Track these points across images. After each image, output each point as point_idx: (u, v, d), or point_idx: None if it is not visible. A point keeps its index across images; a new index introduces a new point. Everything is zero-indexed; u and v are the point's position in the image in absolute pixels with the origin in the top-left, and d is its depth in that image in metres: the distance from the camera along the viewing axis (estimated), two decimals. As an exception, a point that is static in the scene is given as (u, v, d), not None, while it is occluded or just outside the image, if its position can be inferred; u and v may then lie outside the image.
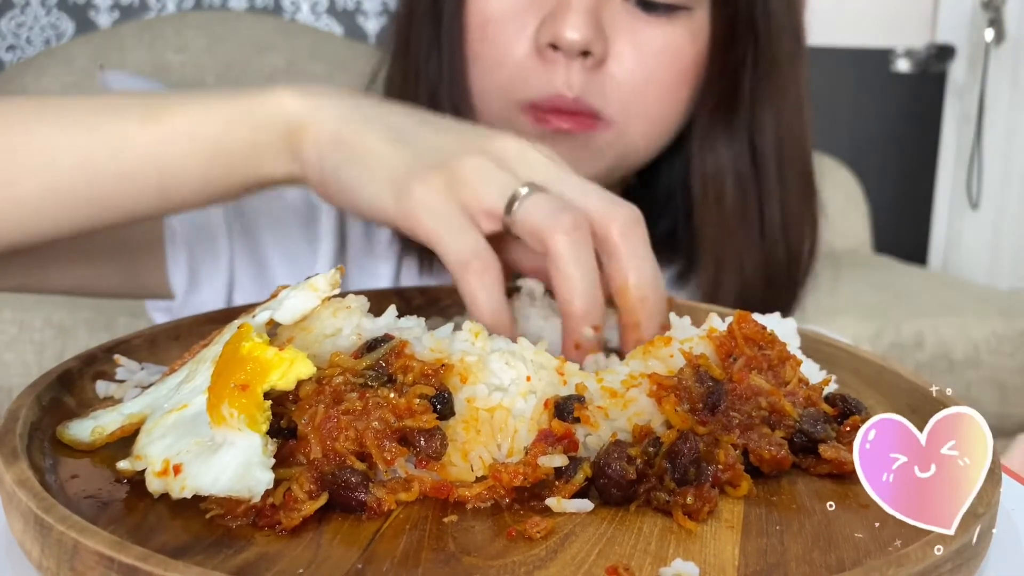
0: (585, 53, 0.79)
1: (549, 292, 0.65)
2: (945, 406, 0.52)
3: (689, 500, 0.42)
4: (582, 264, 0.56)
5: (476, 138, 0.63)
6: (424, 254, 0.88)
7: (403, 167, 0.61)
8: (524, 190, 0.58)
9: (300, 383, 0.44)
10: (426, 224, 0.59)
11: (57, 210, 0.65)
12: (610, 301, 0.60)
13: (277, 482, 0.41)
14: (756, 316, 0.51)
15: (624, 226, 0.58)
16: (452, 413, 0.46)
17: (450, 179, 0.59)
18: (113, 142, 0.64)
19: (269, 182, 0.67)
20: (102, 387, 0.53)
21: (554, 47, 0.79)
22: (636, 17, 0.82)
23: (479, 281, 0.57)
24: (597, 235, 0.58)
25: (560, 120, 0.80)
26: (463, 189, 0.59)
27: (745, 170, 0.87)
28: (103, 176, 0.64)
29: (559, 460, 0.44)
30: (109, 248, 0.83)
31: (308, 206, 0.92)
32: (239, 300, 0.89)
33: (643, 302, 0.58)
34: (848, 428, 0.48)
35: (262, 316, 0.47)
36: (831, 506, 0.45)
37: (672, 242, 0.94)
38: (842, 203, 2.77)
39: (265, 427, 0.42)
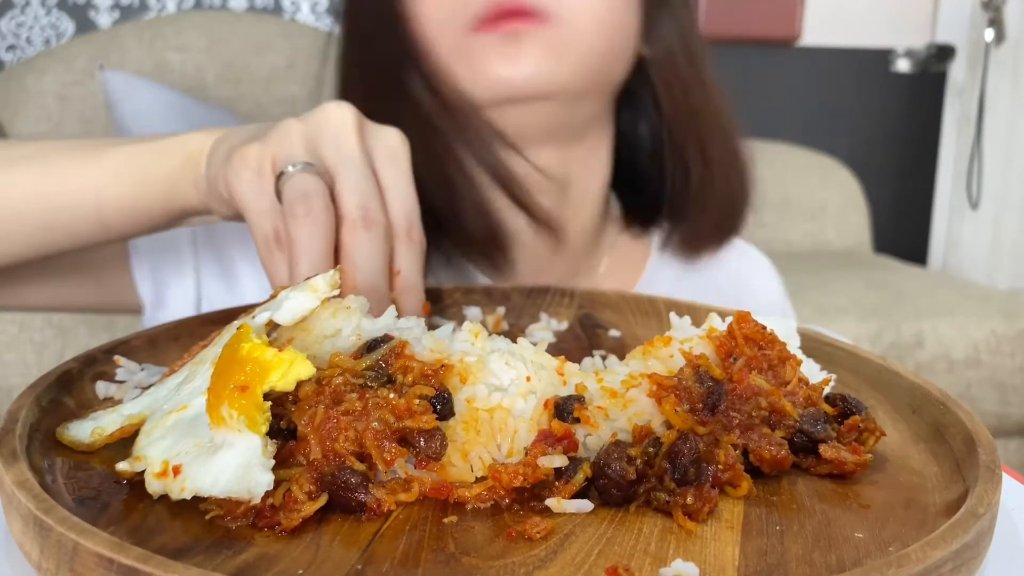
0: None
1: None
2: (945, 406, 0.52)
3: (689, 500, 0.42)
4: (310, 247, 0.60)
5: (306, 114, 0.66)
6: None
7: (236, 146, 0.65)
8: (291, 168, 0.62)
9: (300, 384, 0.44)
10: (235, 192, 0.63)
11: (16, 236, 0.75)
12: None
13: (277, 483, 0.41)
14: (756, 316, 0.51)
15: (355, 225, 0.61)
16: (452, 413, 0.46)
17: (262, 145, 0.63)
18: (57, 180, 0.74)
19: (191, 211, 0.74)
20: (102, 388, 0.53)
21: None
22: None
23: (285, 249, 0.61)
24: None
25: (508, 23, 0.83)
26: (266, 152, 0.63)
27: (688, 57, 0.95)
28: (51, 208, 0.74)
29: (559, 460, 0.44)
30: (79, 265, 0.89)
31: None
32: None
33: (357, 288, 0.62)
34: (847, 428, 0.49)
35: (262, 317, 0.47)
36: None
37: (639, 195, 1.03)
38: (842, 203, 2.77)
39: (265, 428, 0.42)
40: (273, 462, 0.41)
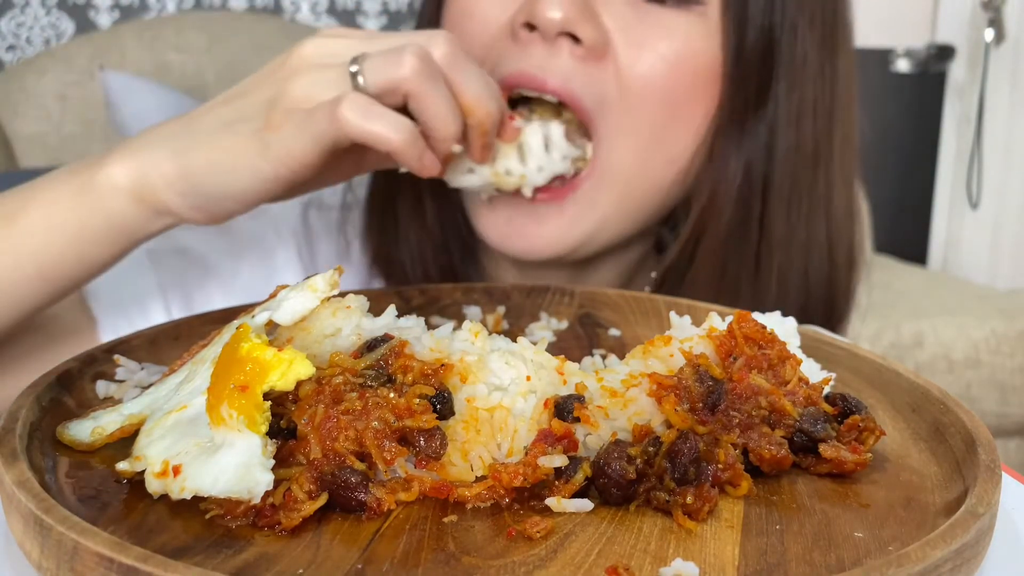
0: (574, 39, 0.71)
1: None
2: (945, 406, 0.52)
3: (689, 500, 0.42)
4: (441, 94, 0.64)
5: (278, 66, 0.66)
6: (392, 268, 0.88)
7: (244, 135, 0.64)
8: (354, 67, 0.63)
9: (300, 383, 0.44)
10: (299, 147, 0.62)
11: None
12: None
13: (277, 482, 0.41)
14: (756, 315, 0.51)
15: (444, 55, 0.64)
16: (452, 413, 0.46)
17: (288, 107, 0.63)
18: None
19: (153, 235, 0.70)
20: (102, 387, 0.53)
21: (531, 27, 0.72)
22: (642, 9, 0.73)
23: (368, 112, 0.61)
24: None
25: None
26: (303, 104, 0.63)
27: (756, 183, 0.79)
28: None
29: (559, 460, 0.44)
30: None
31: (262, 249, 0.90)
32: None
33: (489, 115, 0.66)
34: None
35: (261, 317, 0.47)
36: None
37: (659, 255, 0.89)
38: (842, 203, 2.77)
39: (264, 428, 0.42)
40: (273, 462, 0.41)
